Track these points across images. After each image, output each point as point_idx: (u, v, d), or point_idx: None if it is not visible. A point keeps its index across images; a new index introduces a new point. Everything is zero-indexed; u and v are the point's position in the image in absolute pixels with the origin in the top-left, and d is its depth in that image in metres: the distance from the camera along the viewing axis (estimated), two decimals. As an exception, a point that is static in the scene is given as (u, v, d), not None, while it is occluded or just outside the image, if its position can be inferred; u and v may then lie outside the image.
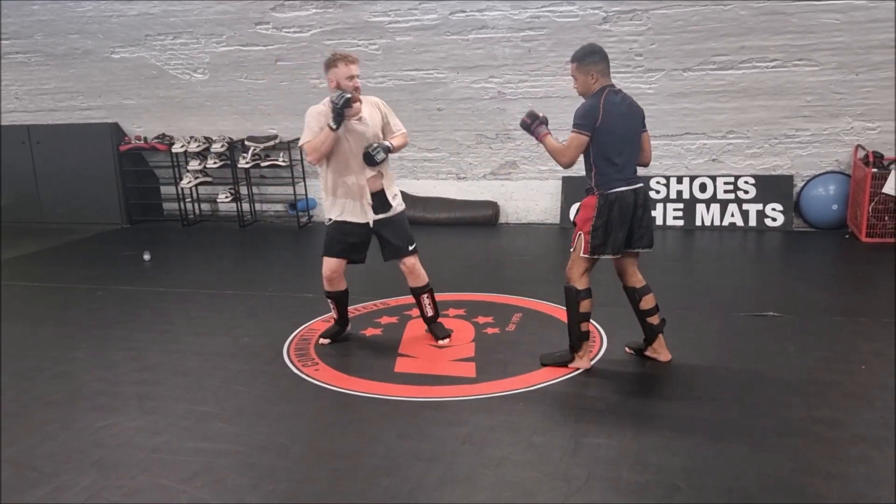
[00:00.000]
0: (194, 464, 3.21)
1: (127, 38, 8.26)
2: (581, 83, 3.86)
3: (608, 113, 3.75)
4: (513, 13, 7.11)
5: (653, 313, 4.07)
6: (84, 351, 4.70)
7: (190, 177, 8.72)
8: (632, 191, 3.84)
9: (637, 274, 4.07)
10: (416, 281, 4.53)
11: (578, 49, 3.88)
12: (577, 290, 3.93)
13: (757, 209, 7.51)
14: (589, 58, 3.81)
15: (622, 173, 3.83)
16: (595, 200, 3.84)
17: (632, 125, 3.88)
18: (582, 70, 3.82)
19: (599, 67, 3.80)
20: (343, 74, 4.14)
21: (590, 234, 3.82)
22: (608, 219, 3.80)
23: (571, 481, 2.96)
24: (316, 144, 4.17)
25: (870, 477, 2.92)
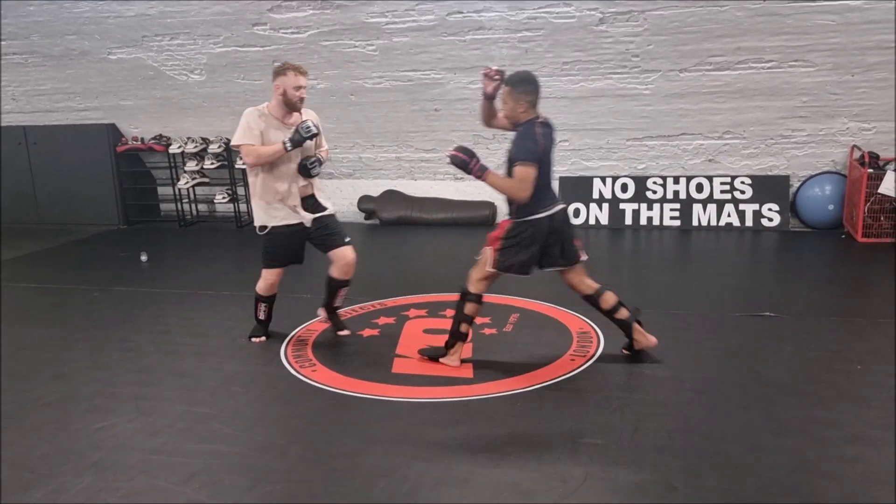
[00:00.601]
0: (192, 465, 3.21)
1: (124, 38, 8.25)
2: (510, 108, 3.86)
3: (544, 148, 3.81)
4: (510, 14, 7.11)
5: (617, 309, 4.12)
6: (81, 352, 4.70)
7: (187, 177, 8.72)
8: (548, 217, 3.90)
9: (585, 282, 4.12)
10: (347, 274, 4.68)
11: (513, 74, 3.89)
12: (468, 292, 4.06)
13: (753, 209, 7.53)
14: (522, 86, 3.82)
15: (541, 200, 3.88)
16: (508, 225, 3.95)
17: (552, 154, 3.94)
18: (514, 96, 3.82)
19: (530, 98, 3.82)
20: (291, 84, 4.32)
21: (497, 251, 3.94)
22: (517, 242, 3.90)
23: (569, 481, 2.97)
24: (262, 154, 4.31)
25: (866, 477, 2.92)
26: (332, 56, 7.76)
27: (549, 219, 3.91)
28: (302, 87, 4.34)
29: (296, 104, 4.38)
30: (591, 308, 4.37)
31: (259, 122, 4.36)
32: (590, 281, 4.14)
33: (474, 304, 4.07)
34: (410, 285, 5.86)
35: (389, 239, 7.98)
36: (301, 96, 4.35)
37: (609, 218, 7.91)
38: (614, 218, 7.89)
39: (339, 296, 4.78)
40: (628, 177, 7.92)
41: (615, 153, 7.87)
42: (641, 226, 7.79)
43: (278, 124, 4.38)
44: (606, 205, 7.94)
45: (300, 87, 4.32)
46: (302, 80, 4.33)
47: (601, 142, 7.81)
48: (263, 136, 4.35)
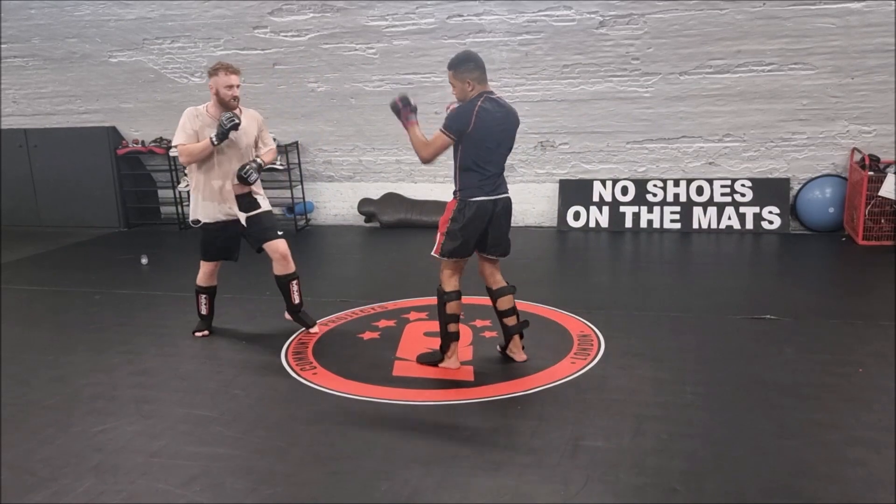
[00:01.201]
0: (193, 468, 3.21)
1: (124, 42, 8.26)
2: (459, 90, 3.91)
3: (481, 120, 3.80)
4: (510, 17, 7.12)
5: (509, 314, 4.17)
6: (81, 355, 4.70)
7: (187, 180, 8.70)
8: (491, 201, 3.93)
9: (496, 275, 4.19)
10: (286, 268, 4.75)
11: (453, 56, 3.95)
12: (443, 292, 4.07)
13: (754, 212, 7.53)
14: (463, 65, 3.87)
15: (486, 182, 3.91)
16: (455, 204, 3.97)
17: (505, 133, 3.93)
18: (458, 77, 3.87)
19: (475, 75, 3.86)
20: (223, 83, 4.46)
21: (443, 236, 3.96)
22: (463, 224, 3.92)
23: (569, 485, 2.97)
24: (193, 151, 4.47)
25: (867, 480, 2.92)
26: (333, 59, 7.77)
27: (493, 203, 3.95)
28: (234, 86, 4.47)
29: (229, 103, 4.50)
30: (591, 310, 4.38)
31: (195, 122, 4.50)
32: (500, 277, 4.20)
33: (454, 301, 4.07)
34: (411, 288, 5.86)
35: (389, 242, 7.98)
36: (233, 94, 4.48)
37: (609, 221, 7.91)
38: (614, 221, 7.89)
39: (291, 291, 4.81)
40: (628, 180, 7.92)
41: (615, 156, 7.87)
42: (642, 229, 7.79)
43: (214, 123, 4.49)
44: (607, 208, 7.94)
45: (231, 85, 4.46)
46: (234, 79, 4.47)
47: (601, 145, 7.81)
48: (199, 135, 4.50)
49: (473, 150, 3.85)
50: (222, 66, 4.47)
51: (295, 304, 4.85)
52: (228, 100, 4.47)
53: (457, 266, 4.06)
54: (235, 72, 4.49)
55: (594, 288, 5.91)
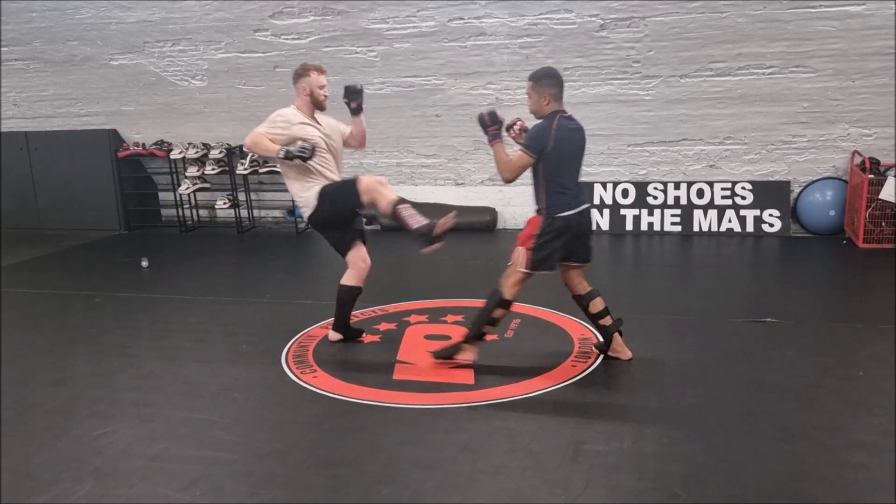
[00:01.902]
0: (193, 472, 3.20)
1: (125, 44, 8.28)
2: (534, 102, 4.01)
3: (559, 139, 3.89)
4: (511, 20, 7.13)
5: (603, 315, 4.20)
6: (81, 358, 4.69)
7: (188, 183, 8.72)
8: (577, 214, 4.01)
9: (583, 283, 4.23)
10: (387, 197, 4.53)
11: (537, 69, 4.07)
12: (500, 297, 4.08)
13: (754, 215, 7.53)
14: (545, 80, 3.98)
15: (569, 197, 3.99)
16: (540, 221, 4.00)
17: (579, 150, 4.05)
18: (536, 90, 3.98)
19: (553, 91, 3.97)
20: (316, 84, 4.42)
21: (531, 251, 3.98)
22: (549, 240, 3.96)
23: (570, 489, 2.96)
24: (261, 144, 4.37)
25: (869, 483, 2.92)
26: (334, 62, 7.77)
27: (578, 215, 4.02)
28: (325, 86, 4.45)
29: (322, 103, 4.47)
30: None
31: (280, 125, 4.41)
32: (586, 283, 4.23)
33: (504, 309, 4.11)
34: (411, 291, 5.86)
35: (390, 244, 7.97)
36: (326, 94, 4.45)
37: (610, 224, 7.91)
38: (615, 224, 7.89)
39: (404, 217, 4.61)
40: (629, 182, 7.92)
41: (616, 159, 7.87)
42: (642, 231, 7.79)
43: (312, 121, 4.49)
44: (607, 210, 7.94)
45: (323, 85, 4.43)
46: (324, 79, 4.45)
47: (602, 147, 7.81)
48: (301, 131, 4.39)
49: (555, 168, 3.93)
50: (313, 67, 4.43)
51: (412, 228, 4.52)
52: (322, 100, 4.45)
53: (525, 277, 4.07)
54: (325, 71, 4.48)
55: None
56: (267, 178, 8.79)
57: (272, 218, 9.19)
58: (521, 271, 4.02)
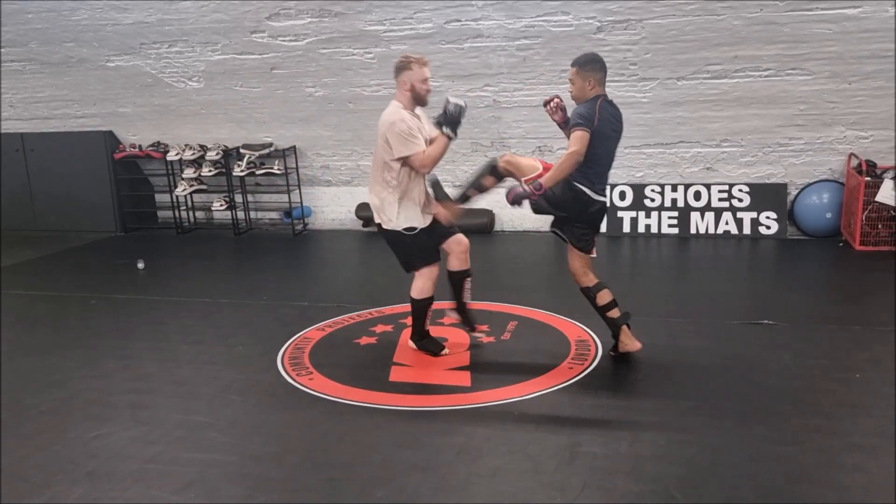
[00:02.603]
0: (188, 474, 3.19)
1: (122, 46, 8.26)
2: (578, 87, 4.04)
3: (602, 120, 3.94)
4: (508, 22, 7.13)
5: (611, 307, 4.22)
6: (77, 360, 4.68)
7: (185, 185, 8.71)
8: (603, 202, 4.13)
9: (588, 274, 4.25)
10: (465, 264, 4.48)
11: (581, 55, 4.10)
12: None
13: (751, 217, 7.53)
14: (590, 65, 4.02)
15: (600, 179, 4.09)
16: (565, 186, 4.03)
17: (617, 135, 4.12)
18: (581, 75, 4.02)
19: (598, 76, 4.03)
20: (418, 77, 4.10)
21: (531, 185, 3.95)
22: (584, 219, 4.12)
23: (567, 491, 2.95)
24: (436, 155, 4.10)
25: (866, 486, 2.92)
26: (330, 64, 7.77)
27: (603, 205, 4.13)
28: (428, 79, 4.14)
29: (424, 98, 4.17)
30: (589, 316, 4.37)
31: (413, 123, 4.12)
32: (592, 274, 4.25)
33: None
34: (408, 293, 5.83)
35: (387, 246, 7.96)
36: (429, 88, 4.16)
37: (607, 226, 7.88)
38: (612, 226, 7.88)
39: (465, 289, 4.52)
40: (626, 184, 7.92)
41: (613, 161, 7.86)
42: (639, 234, 7.79)
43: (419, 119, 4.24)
44: (604, 212, 7.93)
45: (426, 78, 4.12)
46: (427, 71, 4.13)
47: (599, 150, 7.80)
48: (422, 133, 4.17)
49: (593, 148, 3.92)
50: (415, 60, 4.09)
51: (464, 301, 4.52)
52: (425, 94, 4.13)
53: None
54: (427, 63, 4.13)
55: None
56: (264, 179, 8.77)
57: (269, 220, 9.17)
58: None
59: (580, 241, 4.18)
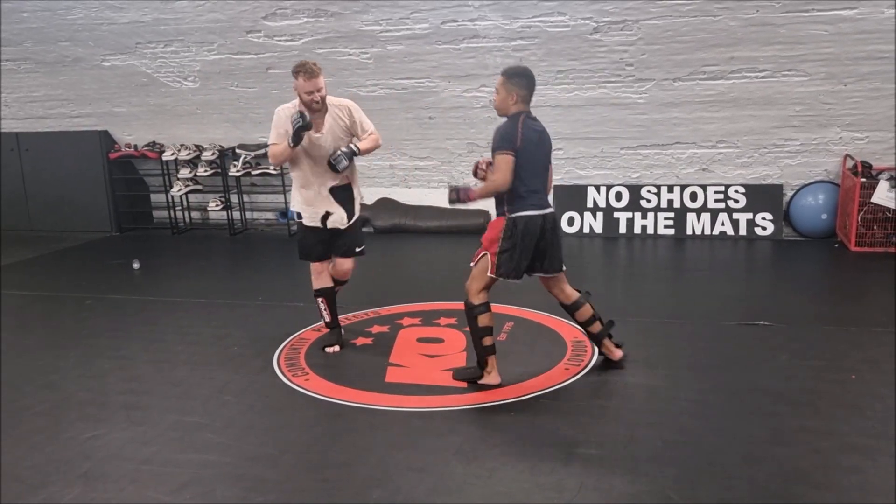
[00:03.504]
0: (183, 475, 3.18)
1: (117, 45, 8.24)
2: (501, 98, 3.88)
3: (526, 138, 3.81)
4: (504, 23, 7.13)
5: (592, 322, 4.16)
6: (72, 360, 4.66)
7: (180, 185, 8.69)
8: (541, 216, 3.90)
9: (566, 290, 4.16)
10: (344, 277, 4.74)
11: (512, 66, 3.96)
12: (473, 305, 3.95)
13: (747, 218, 7.54)
14: (518, 79, 3.85)
15: (532, 198, 3.89)
16: (502, 223, 3.89)
17: (544, 153, 3.97)
18: (507, 86, 3.84)
19: (523, 92, 3.85)
20: (302, 88, 4.20)
21: (496, 255, 3.88)
22: (514, 243, 3.86)
23: (563, 492, 2.95)
24: (276, 153, 4.35)
25: (862, 487, 2.92)
26: (327, 64, 7.70)
27: (542, 218, 3.91)
28: (314, 91, 4.18)
29: (311, 107, 4.24)
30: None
31: (286, 122, 4.27)
32: (570, 290, 4.16)
33: (486, 313, 3.96)
34: (404, 293, 5.84)
35: (383, 247, 7.96)
36: (314, 99, 4.20)
37: (603, 227, 7.91)
38: (608, 227, 7.89)
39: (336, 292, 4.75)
40: (622, 185, 7.93)
41: (609, 162, 7.88)
42: (635, 234, 7.80)
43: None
44: (601, 213, 7.94)
45: (312, 91, 4.17)
46: (313, 84, 4.16)
47: (595, 150, 7.82)
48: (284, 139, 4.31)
49: (520, 168, 3.81)
50: (302, 70, 4.15)
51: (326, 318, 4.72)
52: (310, 104, 4.22)
53: (491, 282, 3.95)
54: (316, 74, 4.16)
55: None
56: (259, 180, 8.76)
57: (265, 220, 9.16)
58: (487, 276, 3.90)
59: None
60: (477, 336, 3.98)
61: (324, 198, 4.46)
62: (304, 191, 4.47)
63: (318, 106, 4.25)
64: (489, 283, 3.95)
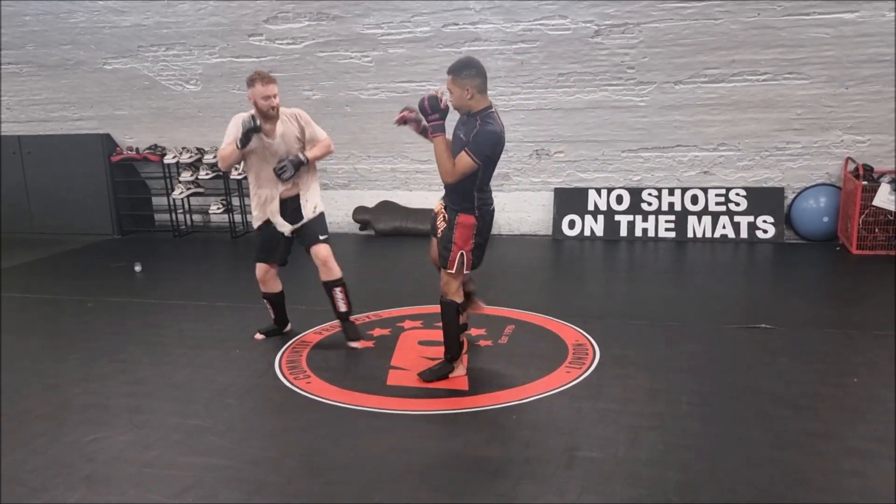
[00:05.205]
0: (185, 478, 3.18)
1: (119, 48, 8.25)
2: (457, 97, 3.77)
3: (502, 142, 3.84)
4: (505, 26, 7.13)
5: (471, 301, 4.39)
6: (74, 363, 4.67)
7: (182, 188, 8.70)
8: (492, 210, 4.03)
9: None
10: (328, 274, 4.71)
11: (455, 62, 3.80)
12: (456, 304, 4.04)
13: (748, 221, 7.54)
14: (464, 71, 3.74)
15: (489, 193, 4.00)
16: (473, 220, 3.94)
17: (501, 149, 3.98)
18: (458, 83, 3.74)
19: (475, 83, 3.74)
20: (260, 94, 4.36)
21: (472, 252, 3.98)
22: (483, 237, 4.01)
23: (565, 495, 2.95)
24: (225, 156, 4.48)
25: (863, 491, 2.92)
26: (328, 67, 7.77)
27: (491, 213, 4.03)
28: (271, 97, 4.38)
29: (267, 113, 4.42)
30: (586, 319, 4.38)
31: (239, 129, 4.40)
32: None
33: (463, 311, 4.13)
34: (405, 296, 5.85)
35: (384, 250, 7.97)
36: (271, 105, 4.39)
37: (604, 229, 7.91)
38: (609, 230, 7.89)
39: (336, 298, 4.74)
40: (623, 188, 7.93)
41: (610, 165, 7.88)
42: (636, 237, 7.80)
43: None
44: (602, 216, 7.94)
45: (269, 96, 4.37)
46: (270, 89, 4.37)
47: (596, 153, 7.82)
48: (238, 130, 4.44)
49: (489, 167, 3.86)
50: (259, 77, 4.37)
51: (341, 311, 4.76)
52: (266, 110, 4.38)
53: (463, 278, 4.09)
54: (271, 81, 4.39)
55: (589, 297, 5.91)
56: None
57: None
58: (463, 273, 4.01)
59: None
60: (456, 333, 4.09)
61: (272, 203, 4.62)
62: (257, 195, 4.63)
63: (273, 113, 4.43)
64: (463, 281, 4.12)
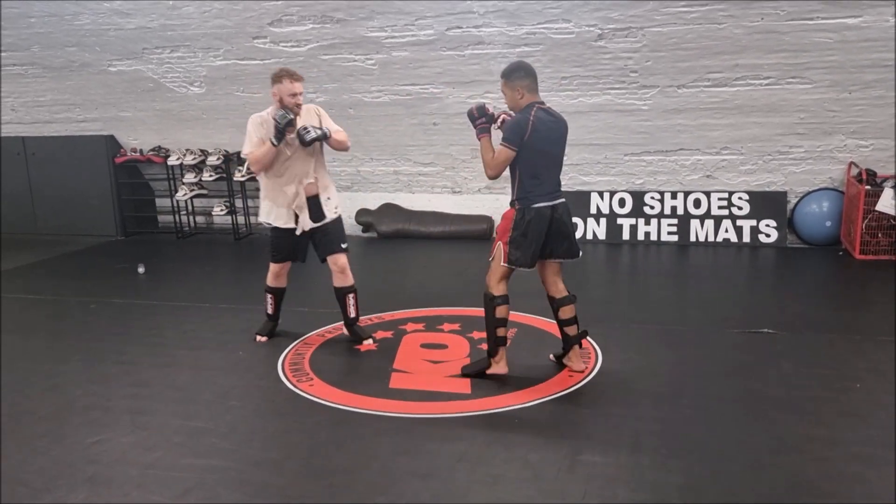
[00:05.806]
0: (188, 480, 3.19)
1: (124, 51, 8.27)
2: (509, 99, 4.01)
3: (536, 129, 3.89)
4: (509, 30, 7.14)
5: (570, 323, 4.21)
6: (76, 364, 4.68)
7: (185, 189, 8.72)
8: (550, 207, 3.99)
9: (559, 284, 4.22)
10: (344, 281, 4.81)
11: (506, 66, 4.07)
12: (493, 296, 4.07)
13: (751, 225, 7.54)
14: (515, 74, 3.98)
15: (543, 188, 3.98)
16: (513, 213, 4.01)
17: (558, 142, 4.03)
18: (509, 86, 3.98)
19: (525, 83, 3.96)
20: (287, 91, 4.42)
21: (508, 244, 3.99)
22: (524, 231, 3.97)
23: (567, 499, 2.95)
24: (259, 157, 4.50)
25: (866, 496, 2.91)
26: (332, 70, 7.78)
27: (552, 209, 4.00)
28: (297, 94, 4.44)
29: (292, 110, 4.46)
30: (588, 323, 4.38)
31: (260, 129, 4.50)
32: (563, 286, 4.23)
33: (504, 305, 4.08)
34: (408, 299, 5.85)
35: (387, 252, 7.97)
36: (297, 102, 4.45)
37: (607, 233, 7.91)
38: (612, 233, 7.89)
39: (349, 305, 4.83)
40: (626, 192, 7.93)
41: (613, 168, 7.88)
42: (639, 241, 7.80)
43: None
44: (604, 220, 7.94)
45: (295, 93, 4.43)
46: (297, 87, 4.44)
47: (599, 157, 7.83)
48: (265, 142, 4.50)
49: (531, 159, 3.92)
50: (286, 73, 4.42)
51: (350, 317, 4.85)
52: (292, 107, 4.44)
53: (508, 272, 4.07)
54: (299, 79, 4.45)
55: (591, 300, 5.89)
56: (264, 184, 8.77)
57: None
58: (502, 266, 4.02)
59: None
60: (492, 326, 4.11)
61: (299, 198, 4.63)
62: (283, 193, 4.62)
63: (298, 110, 4.49)
64: (506, 274, 4.07)
